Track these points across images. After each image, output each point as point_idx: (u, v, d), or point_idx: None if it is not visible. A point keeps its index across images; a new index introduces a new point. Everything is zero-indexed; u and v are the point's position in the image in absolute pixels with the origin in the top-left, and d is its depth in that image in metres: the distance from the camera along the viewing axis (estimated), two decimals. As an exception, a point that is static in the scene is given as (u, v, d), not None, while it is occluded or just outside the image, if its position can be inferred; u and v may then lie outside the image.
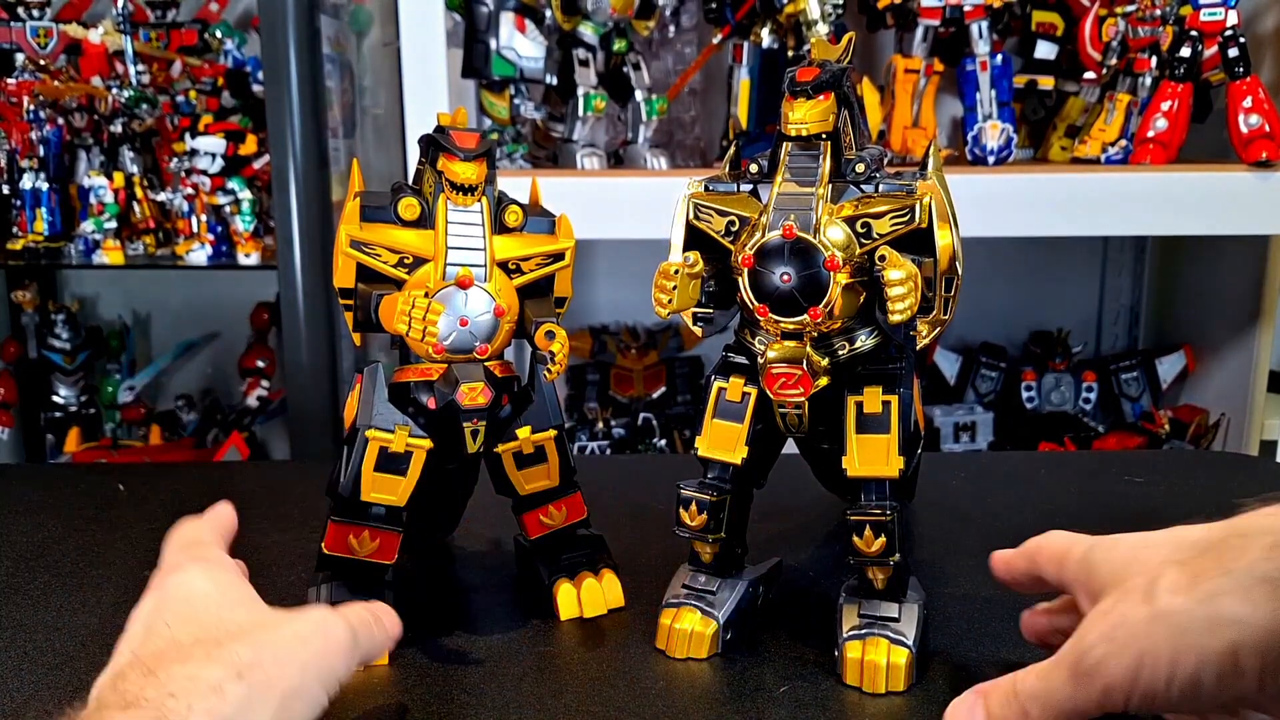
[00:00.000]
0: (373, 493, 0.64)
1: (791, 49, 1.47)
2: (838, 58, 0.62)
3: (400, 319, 0.61)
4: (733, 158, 0.67)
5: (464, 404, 0.62)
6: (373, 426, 0.64)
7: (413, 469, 0.64)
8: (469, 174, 0.63)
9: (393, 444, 0.64)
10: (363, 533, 0.65)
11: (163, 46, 1.54)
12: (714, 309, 0.66)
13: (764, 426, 0.65)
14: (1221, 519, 0.48)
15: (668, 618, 0.66)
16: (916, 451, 0.70)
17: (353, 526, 0.65)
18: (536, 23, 1.37)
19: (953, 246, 0.61)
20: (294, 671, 0.45)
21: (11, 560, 0.80)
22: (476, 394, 0.62)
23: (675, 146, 1.67)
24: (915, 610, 0.62)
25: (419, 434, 0.64)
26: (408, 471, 0.64)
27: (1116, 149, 1.39)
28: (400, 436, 0.64)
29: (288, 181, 1.35)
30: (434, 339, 0.61)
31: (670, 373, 1.79)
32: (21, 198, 1.47)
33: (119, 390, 1.74)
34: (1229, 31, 1.32)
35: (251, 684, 0.43)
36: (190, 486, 0.98)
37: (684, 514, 0.65)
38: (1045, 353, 1.78)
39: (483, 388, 0.62)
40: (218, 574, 0.53)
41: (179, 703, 0.41)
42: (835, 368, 0.62)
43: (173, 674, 0.43)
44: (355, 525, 0.65)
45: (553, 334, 0.63)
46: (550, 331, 0.63)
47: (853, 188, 0.62)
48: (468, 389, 0.62)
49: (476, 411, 0.63)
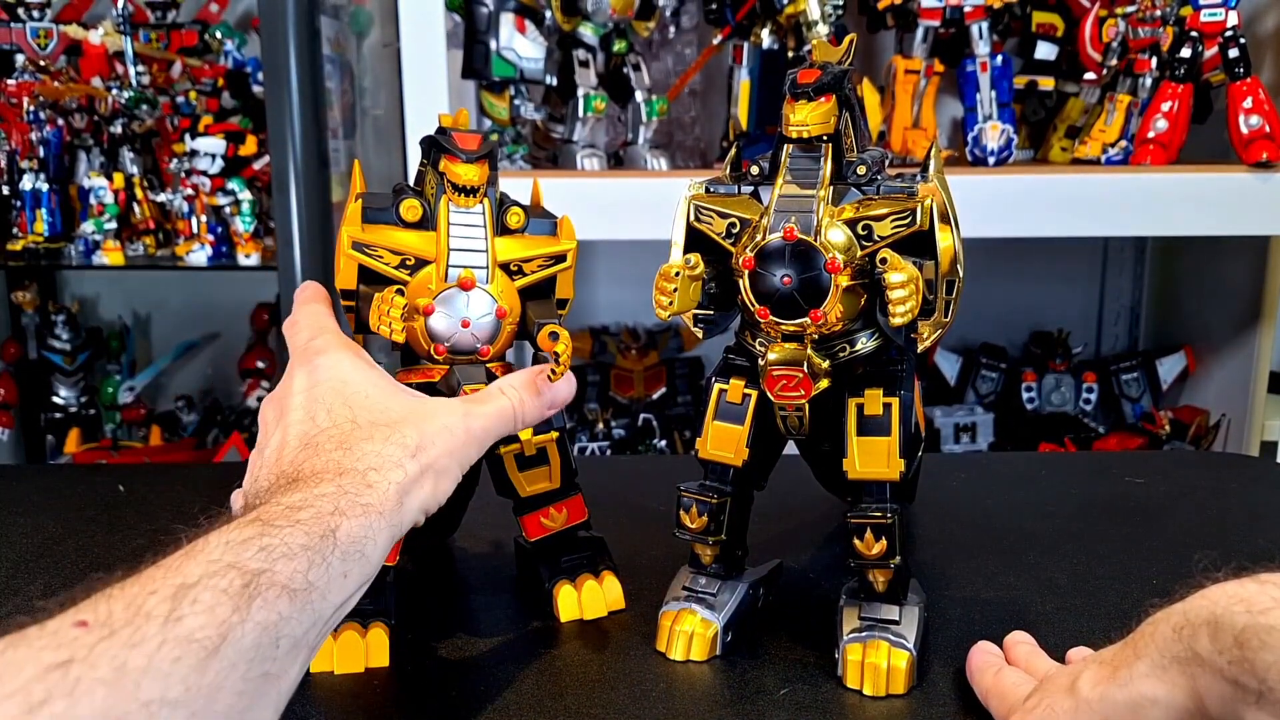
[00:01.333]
0: None
1: (792, 50, 1.47)
2: (839, 59, 0.62)
3: (372, 317, 0.61)
4: (733, 159, 0.67)
5: None
6: None
7: None
8: (471, 175, 0.63)
9: None
10: None
11: (163, 47, 1.54)
12: (715, 311, 0.66)
13: (765, 428, 0.65)
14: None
15: (668, 619, 0.66)
16: (917, 454, 0.70)
17: None
18: (536, 23, 1.37)
19: (954, 249, 0.61)
20: (444, 454, 0.53)
21: (11, 561, 0.80)
22: None
23: (675, 147, 1.67)
24: (916, 612, 0.62)
25: None
26: None
27: (1117, 150, 1.39)
28: None
29: (288, 182, 1.35)
30: (399, 334, 0.61)
31: (670, 373, 1.79)
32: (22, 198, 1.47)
33: (119, 391, 1.75)
34: (1229, 32, 1.32)
35: (421, 463, 0.51)
36: (190, 487, 0.98)
37: (684, 516, 0.65)
38: (1045, 353, 1.78)
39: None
40: (361, 362, 0.57)
41: (379, 476, 0.49)
42: (836, 370, 0.62)
43: (365, 450, 0.50)
44: None
45: (556, 335, 0.63)
46: (554, 333, 0.63)
47: (854, 190, 0.62)
48: (470, 390, 0.62)
49: None
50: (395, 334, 0.61)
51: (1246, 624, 0.40)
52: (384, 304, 0.61)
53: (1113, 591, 0.74)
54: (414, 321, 0.63)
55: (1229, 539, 0.84)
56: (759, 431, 0.65)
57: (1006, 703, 0.55)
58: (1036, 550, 0.82)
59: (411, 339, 0.63)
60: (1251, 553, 0.81)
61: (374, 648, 0.64)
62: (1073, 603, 0.72)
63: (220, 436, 1.75)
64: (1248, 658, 0.40)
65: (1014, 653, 0.62)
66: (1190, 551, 0.81)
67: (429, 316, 0.63)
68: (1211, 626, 0.42)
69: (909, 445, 0.61)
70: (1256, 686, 0.39)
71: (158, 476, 1.03)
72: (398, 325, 0.61)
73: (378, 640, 0.64)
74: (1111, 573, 0.77)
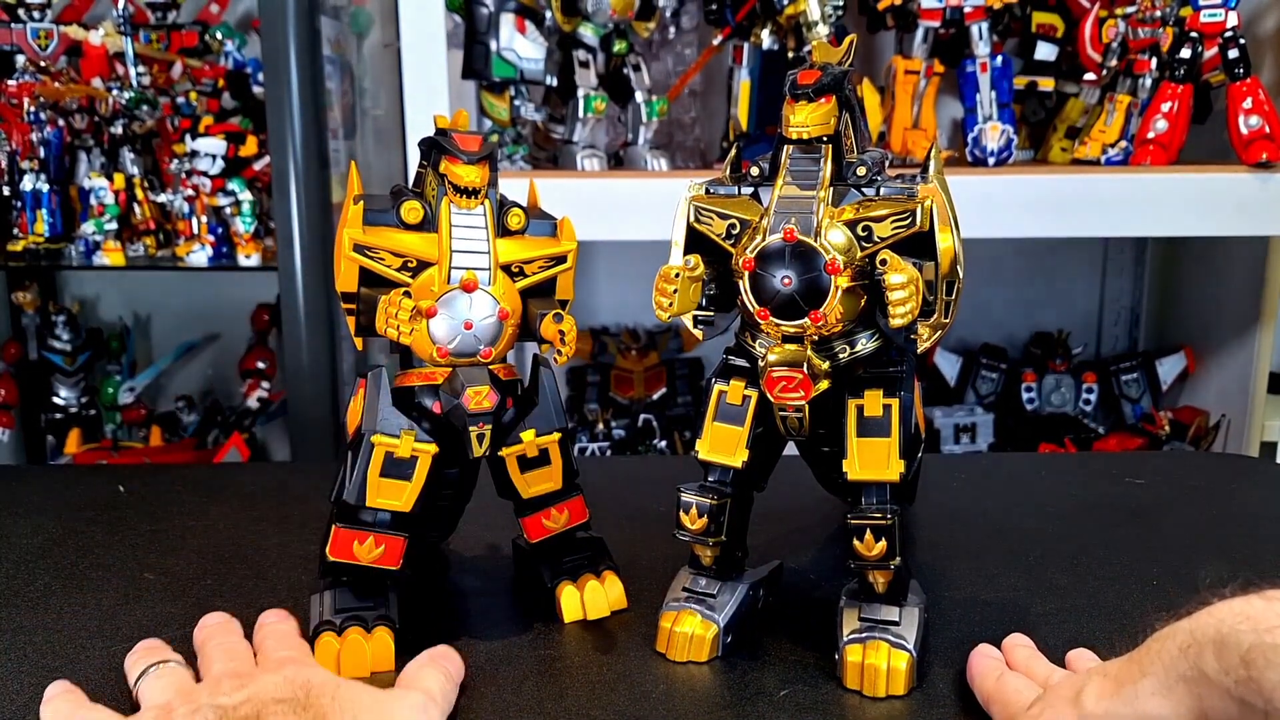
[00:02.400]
0: (378, 498, 0.64)
1: (791, 50, 1.47)
2: (839, 60, 0.62)
3: (379, 319, 0.61)
4: (733, 160, 0.67)
5: (470, 408, 0.62)
6: (378, 431, 0.63)
7: (418, 474, 0.64)
8: (473, 176, 0.63)
9: (398, 449, 0.63)
10: (367, 538, 0.64)
11: (163, 48, 1.54)
12: (715, 311, 0.66)
13: (764, 429, 0.65)
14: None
15: (668, 620, 0.66)
16: (917, 455, 0.70)
17: (357, 532, 0.64)
18: (537, 24, 1.37)
19: (954, 249, 0.61)
20: None
21: (11, 561, 0.80)
22: (482, 398, 0.62)
23: (675, 148, 1.67)
24: (916, 614, 0.62)
25: (424, 438, 0.64)
26: (413, 476, 0.64)
27: (1116, 150, 1.39)
28: (406, 441, 0.63)
29: (288, 183, 1.35)
30: (407, 335, 0.61)
31: (670, 374, 1.79)
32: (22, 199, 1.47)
33: (119, 391, 1.74)
34: (1229, 33, 1.32)
35: None
36: (190, 488, 0.98)
37: (684, 518, 0.65)
38: (1045, 354, 1.78)
39: (488, 391, 0.62)
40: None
41: None
42: (836, 371, 0.62)
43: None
44: (360, 531, 0.64)
45: (561, 316, 0.63)
46: (559, 314, 0.63)
47: (854, 191, 0.62)
48: (474, 393, 0.62)
49: (483, 415, 0.63)
50: (403, 336, 0.61)
51: (1253, 643, 0.40)
52: (391, 306, 0.61)
53: (1112, 591, 0.74)
54: (418, 323, 0.63)
55: (1229, 539, 0.84)
56: (759, 433, 0.65)
57: (1009, 710, 0.55)
58: (1036, 550, 0.82)
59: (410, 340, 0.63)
60: (1251, 553, 0.81)
61: (378, 651, 0.64)
62: (1073, 603, 0.72)
63: (220, 437, 1.75)
64: (1254, 677, 0.40)
65: (1013, 656, 0.62)
66: (1190, 551, 0.81)
67: (431, 319, 0.63)
68: (1218, 645, 0.42)
69: (909, 446, 0.61)
70: (1263, 706, 0.39)
71: (158, 476, 1.03)
72: (405, 327, 0.61)
73: (382, 643, 0.64)
74: (1111, 573, 0.77)
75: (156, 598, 0.73)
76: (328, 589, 0.67)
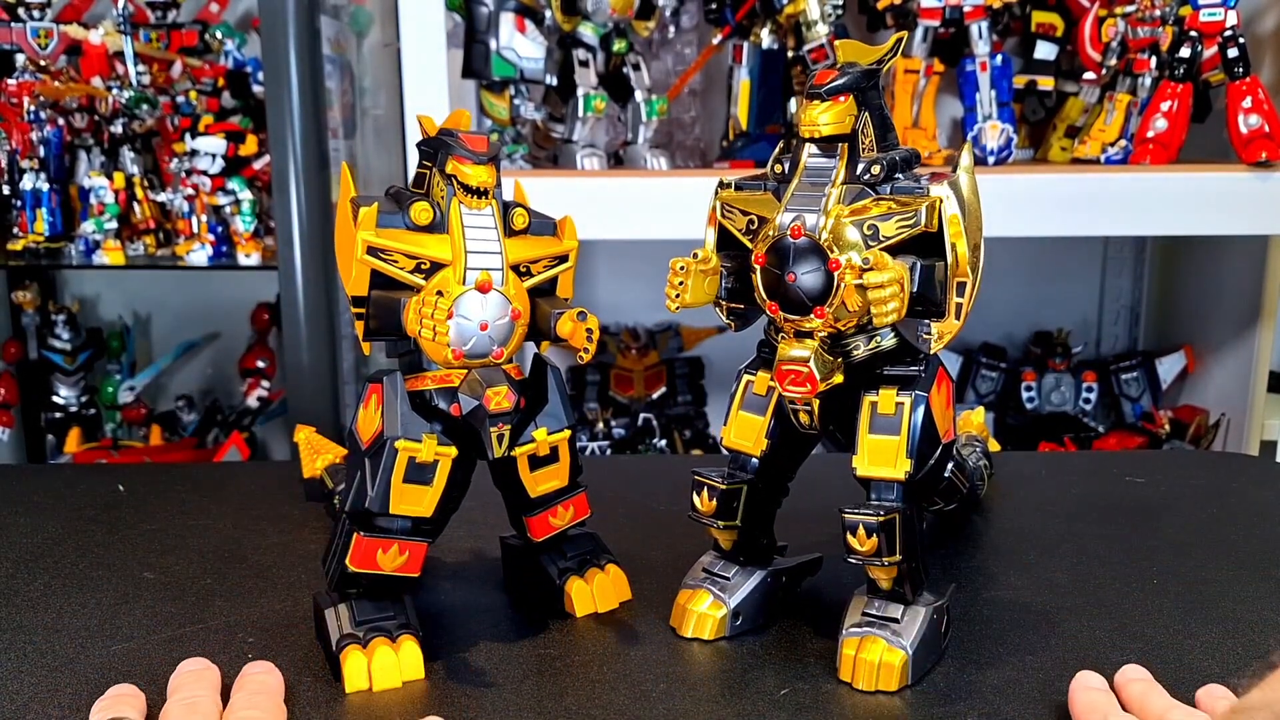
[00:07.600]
0: (401, 505, 0.62)
1: (791, 49, 1.47)
2: (877, 60, 0.62)
3: (411, 320, 0.60)
4: (778, 154, 0.67)
5: (491, 409, 0.61)
6: (402, 437, 0.62)
7: (439, 478, 0.63)
8: (483, 177, 0.63)
9: (421, 454, 0.62)
10: (391, 546, 0.63)
11: (163, 47, 1.54)
12: (745, 306, 0.67)
13: (790, 423, 0.66)
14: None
15: (683, 598, 0.68)
16: (934, 455, 0.67)
17: (381, 540, 0.63)
18: (536, 23, 1.37)
19: (965, 250, 0.61)
20: None
21: (11, 561, 0.80)
22: (502, 398, 0.62)
23: (675, 147, 1.67)
24: (921, 613, 0.62)
25: (446, 441, 0.63)
26: (434, 481, 0.63)
27: (1116, 149, 1.39)
28: (429, 445, 0.62)
29: (288, 182, 1.35)
30: (444, 335, 0.60)
31: (670, 373, 1.79)
32: (22, 198, 1.47)
33: (119, 391, 1.74)
34: (1228, 32, 1.32)
35: None
36: (190, 487, 0.98)
37: (696, 499, 0.67)
38: (1045, 353, 1.78)
39: (507, 391, 0.62)
40: None
41: None
42: (854, 367, 0.62)
43: None
44: (384, 539, 0.63)
45: (585, 314, 0.63)
46: (583, 312, 0.63)
47: (867, 190, 0.62)
48: (494, 393, 0.61)
49: (503, 416, 0.62)
50: (440, 335, 0.59)
51: None
52: (426, 306, 0.60)
53: (1112, 591, 0.74)
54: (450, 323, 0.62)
55: (1229, 539, 0.84)
56: (782, 425, 0.65)
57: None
58: (1036, 550, 0.82)
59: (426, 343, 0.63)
60: (1251, 551, 0.81)
61: (408, 661, 0.63)
62: (1073, 603, 0.72)
63: (220, 436, 1.75)
64: None
65: (1126, 691, 0.58)
66: (1190, 551, 0.81)
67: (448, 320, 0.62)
68: None
69: (925, 446, 0.61)
70: None
71: (158, 476, 1.03)
72: (442, 327, 0.59)
73: (411, 653, 0.63)
74: (1111, 572, 0.77)
75: (156, 597, 0.73)
76: (340, 601, 0.65)
